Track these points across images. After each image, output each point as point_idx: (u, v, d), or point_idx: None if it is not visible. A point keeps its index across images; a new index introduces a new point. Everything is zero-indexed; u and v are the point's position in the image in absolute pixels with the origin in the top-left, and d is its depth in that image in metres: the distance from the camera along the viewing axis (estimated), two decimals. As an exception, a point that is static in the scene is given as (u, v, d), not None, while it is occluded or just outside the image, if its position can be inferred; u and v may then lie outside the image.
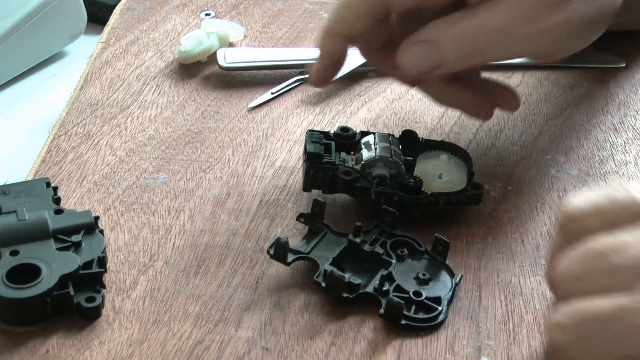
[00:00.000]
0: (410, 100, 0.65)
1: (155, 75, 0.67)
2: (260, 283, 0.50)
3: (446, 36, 0.51)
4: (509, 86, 0.59)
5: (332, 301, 0.48)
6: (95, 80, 0.66)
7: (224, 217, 0.54)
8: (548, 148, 0.61)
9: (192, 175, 0.57)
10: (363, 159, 0.54)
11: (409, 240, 0.51)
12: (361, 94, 0.66)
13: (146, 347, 0.46)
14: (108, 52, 0.69)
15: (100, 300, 0.47)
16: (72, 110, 0.63)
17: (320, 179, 0.54)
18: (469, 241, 0.53)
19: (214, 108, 0.64)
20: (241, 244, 0.52)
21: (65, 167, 0.57)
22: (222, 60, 0.67)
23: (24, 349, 0.45)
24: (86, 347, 0.45)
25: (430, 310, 0.48)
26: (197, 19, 0.74)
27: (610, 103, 0.66)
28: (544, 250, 0.53)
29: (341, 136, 0.56)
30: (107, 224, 0.53)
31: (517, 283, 0.51)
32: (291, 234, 0.53)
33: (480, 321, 0.48)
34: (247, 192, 0.56)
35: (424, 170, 0.55)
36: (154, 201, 0.55)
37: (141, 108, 0.63)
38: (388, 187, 0.53)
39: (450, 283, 0.49)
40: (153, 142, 0.60)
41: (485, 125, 0.63)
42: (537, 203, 0.56)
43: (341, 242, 0.51)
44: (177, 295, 0.49)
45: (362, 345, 0.46)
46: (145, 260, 0.51)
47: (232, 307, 0.48)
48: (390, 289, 0.48)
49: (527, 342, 0.47)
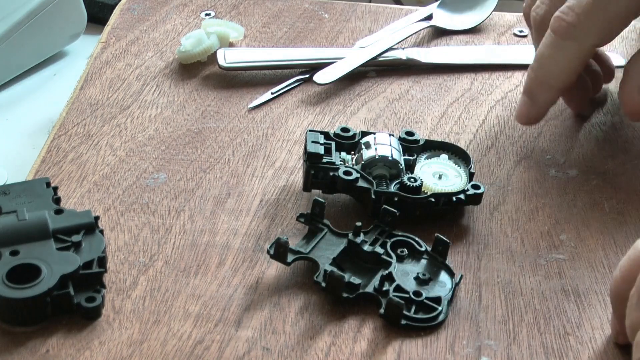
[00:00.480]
0: (410, 100, 0.65)
1: (155, 75, 0.67)
2: (260, 283, 0.50)
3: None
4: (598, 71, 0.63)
5: (332, 301, 0.48)
6: (95, 80, 0.66)
7: (224, 217, 0.54)
8: (548, 148, 0.61)
9: (192, 175, 0.57)
10: (363, 159, 0.54)
11: (409, 240, 0.51)
12: (361, 94, 0.66)
13: (146, 347, 0.46)
14: (108, 52, 0.69)
15: (100, 300, 0.47)
16: (72, 110, 0.63)
17: (320, 179, 0.54)
18: (469, 241, 0.53)
19: (214, 108, 0.64)
20: (241, 244, 0.52)
21: (65, 167, 0.57)
22: (222, 60, 0.67)
23: (24, 349, 0.45)
24: (86, 347, 0.45)
25: (430, 310, 0.48)
26: (197, 19, 0.74)
27: (610, 103, 0.66)
28: (544, 250, 0.53)
29: (341, 136, 0.56)
30: (107, 224, 0.53)
31: (517, 283, 0.51)
32: (291, 234, 0.53)
33: (480, 321, 0.48)
34: (247, 192, 0.56)
35: (424, 170, 0.55)
36: (154, 201, 0.55)
37: (141, 108, 0.63)
38: (388, 187, 0.53)
39: (450, 283, 0.49)
40: (153, 142, 0.60)
41: (485, 125, 0.63)
42: (537, 203, 0.56)
43: (341, 242, 0.51)
44: (177, 295, 0.49)
45: (362, 345, 0.46)
46: (145, 260, 0.51)
47: (232, 307, 0.48)
48: (390, 289, 0.48)
49: (527, 342, 0.47)
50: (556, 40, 0.56)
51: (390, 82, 0.67)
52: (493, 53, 0.71)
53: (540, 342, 0.47)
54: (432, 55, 0.70)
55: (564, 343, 0.47)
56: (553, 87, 0.58)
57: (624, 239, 0.54)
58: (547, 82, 0.58)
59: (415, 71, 0.69)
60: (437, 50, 0.71)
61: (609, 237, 0.54)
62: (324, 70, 0.66)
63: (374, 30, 0.73)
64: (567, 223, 0.55)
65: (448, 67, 0.69)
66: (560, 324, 0.48)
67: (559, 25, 0.56)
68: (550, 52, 0.57)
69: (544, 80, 0.58)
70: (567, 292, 0.50)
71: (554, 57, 0.57)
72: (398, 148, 0.55)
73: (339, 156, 0.55)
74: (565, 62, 0.57)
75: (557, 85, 0.58)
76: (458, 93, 0.67)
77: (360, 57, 0.68)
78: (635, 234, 0.54)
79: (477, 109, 0.65)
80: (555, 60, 0.57)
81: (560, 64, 0.57)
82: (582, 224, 0.55)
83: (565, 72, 0.57)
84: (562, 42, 0.56)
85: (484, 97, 0.66)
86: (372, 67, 0.68)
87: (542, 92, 0.58)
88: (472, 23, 0.75)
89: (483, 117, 0.64)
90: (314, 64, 0.67)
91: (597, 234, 0.54)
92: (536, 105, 0.59)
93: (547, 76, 0.58)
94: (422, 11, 0.75)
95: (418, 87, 0.67)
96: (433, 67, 0.69)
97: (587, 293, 0.50)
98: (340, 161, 0.55)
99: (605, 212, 0.56)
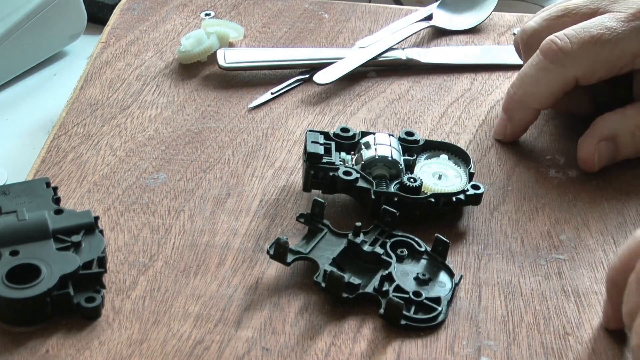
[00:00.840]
0: (410, 100, 0.65)
1: (155, 75, 0.67)
2: (260, 283, 0.50)
3: (625, 132, 0.57)
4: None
5: (332, 301, 0.48)
6: (95, 80, 0.66)
7: (224, 217, 0.54)
8: (548, 148, 0.61)
9: (192, 175, 0.57)
10: (363, 159, 0.54)
11: (408, 241, 0.51)
12: (361, 94, 0.66)
13: (146, 347, 0.46)
14: (108, 52, 0.69)
15: (100, 300, 0.47)
16: (72, 110, 0.63)
17: (320, 179, 0.54)
18: (469, 241, 0.53)
19: (214, 108, 0.64)
20: (241, 244, 0.52)
21: (65, 167, 0.57)
22: (222, 60, 0.67)
23: (24, 349, 0.45)
24: (86, 347, 0.45)
25: (430, 310, 0.48)
26: (197, 19, 0.74)
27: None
28: (544, 250, 0.53)
29: (341, 136, 0.56)
30: (107, 224, 0.53)
31: (517, 283, 0.51)
32: (291, 234, 0.53)
33: (480, 321, 0.48)
34: (247, 192, 0.56)
35: (424, 170, 0.55)
36: (154, 201, 0.55)
37: (141, 108, 0.63)
38: (388, 187, 0.53)
39: (450, 283, 0.49)
40: (153, 142, 0.60)
41: (485, 125, 0.63)
42: (537, 203, 0.56)
43: (341, 242, 0.51)
44: (177, 295, 0.49)
45: (362, 345, 0.46)
46: (145, 260, 0.51)
47: (232, 307, 0.48)
48: (390, 289, 0.48)
49: (527, 342, 0.47)
50: (542, 62, 0.57)
51: (390, 82, 0.67)
52: (493, 53, 0.71)
53: (540, 342, 0.47)
54: (432, 55, 0.70)
55: (563, 343, 0.47)
56: (530, 107, 0.59)
57: (624, 239, 0.54)
58: (525, 101, 0.59)
59: (415, 71, 0.69)
60: (437, 50, 0.71)
61: (609, 237, 0.54)
62: (324, 70, 0.66)
63: (374, 30, 0.73)
64: (567, 223, 0.55)
65: (448, 67, 0.69)
66: (560, 324, 0.48)
67: (549, 47, 0.57)
68: (533, 73, 0.58)
69: (522, 100, 0.59)
70: (567, 292, 0.50)
71: (536, 78, 0.58)
72: (398, 148, 0.55)
73: (338, 156, 0.55)
74: (546, 85, 0.58)
75: (534, 106, 0.59)
76: (458, 93, 0.67)
77: (360, 57, 0.68)
78: (635, 234, 0.54)
79: (477, 109, 0.65)
80: (537, 82, 0.58)
81: (541, 86, 0.58)
82: (582, 224, 0.55)
83: (545, 95, 0.58)
84: (548, 65, 0.57)
85: (484, 97, 0.66)
86: (372, 67, 0.68)
87: (519, 111, 0.60)
88: (472, 23, 0.75)
89: (483, 117, 0.64)
90: (314, 64, 0.67)
91: (597, 234, 0.54)
92: (513, 123, 0.60)
93: (526, 96, 0.59)
94: (422, 11, 0.75)
95: (418, 87, 0.67)
96: (433, 67, 0.69)
97: (587, 293, 0.50)
98: (340, 161, 0.55)
99: (605, 212, 0.56)
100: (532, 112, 0.60)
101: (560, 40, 0.57)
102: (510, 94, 0.60)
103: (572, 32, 0.57)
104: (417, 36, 0.73)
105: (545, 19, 0.60)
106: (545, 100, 0.59)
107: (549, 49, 0.57)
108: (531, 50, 0.59)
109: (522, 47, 0.61)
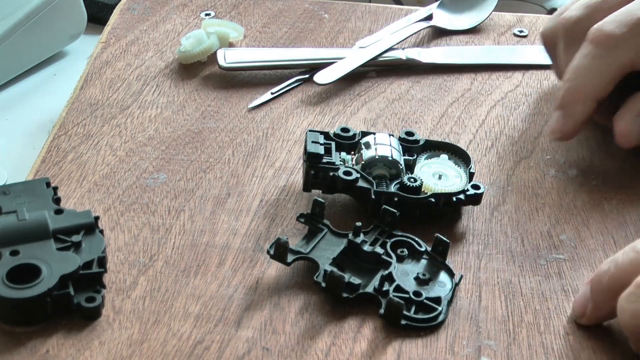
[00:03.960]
0: (410, 100, 0.66)
1: (155, 75, 0.67)
2: (260, 283, 0.50)
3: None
4: None
5: (332, 301, 0.48)
6: (95, 80, 0.66)
7: (224, 217, 0.54)
8: (548, 148, 0.61)
9: (192, 175, 0.57)
10: (363, 159, 0.54)
11: (409, 240, 0.51)
12: (361, 94, 0.66)
13: (146, 347, 0.46)
14: (108, 52, 0.69)
15: (100, 300, 0.47)
16: (72, 110, 0.63)
17: (320, 179, 0.54)
18: (469, 241, 0.53)
19: (214, 108, 0.64)
20: (241, 244, 0.52)
21: (65, 167, 0.57)
22: (222, 60, 0.67)
23: (24, 349, 0.45)
24: (86, 347, 0.45)
25: (430, 310, 0.48)
26: (197, 19, 0.74)
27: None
28: (544, 250, 0.53)
29: (341, 136, 0.56)
30: (107, 224, 0.53)
31: (517, 283, 0.51)
32: (291, 234, 0.53)
33: (480, 321, 0.48)
34: (247, 192, 0.56)
35: (424, 170, 0.55)
36: (154, 201, 0.55)
37: (141, 108, 0.63)
38: (388, 187, 0.53)
39: (450, 283, 0.49)
40: (153, 142, 0.60)
41: (485, 125, 0.63)
42: (537, 203, 0.56)
43: (341, 242, 0.51)
44: (177, 295, 0.49)
45: (362, 345, 0.46)
46: (145, 260, 0.51)
47: (232, 307, 0.48)
48: (390, 289, 0.48)
49: (527, 342, 0.47)
50: (594, 50, 0.56)
51: (390, 82, 0.67)
52: (493, 53, 0.71)
53: (540, 342, 0.47)
54: (432, 56, 0.70)
55: (564, 343, 0.47)
56: (590, 98, 0.57)
57: (624, 239, 0.54)
58: (584, 93, 0.57)
59: (415, 71, 0.69)
60: (437, 50, 0.71)
61: (609, 237, 0.54)
62: (324, 71, 0.66)
63: (374, 31, 0.73)
64: (567, 223, 0.55)
65: (448, 67, 0.69)
66: (560, 324, 0.48)
67: (598, 35, 0.56)
68: (587, 63, 0.57)
69: (580, 91, 0.57)
70: (567, 292, 0.50)
71: (591, 68, 0.56)
72: (398, 148, 0.55)
73: (339, 156, 0.55)
74: (604, 74, 0.56)
75: (594, 96, 0.57)
76: (458, 93, 0.67)
77: (360, 57, 0.68)
78: (635, 234, 0.54)
79: (477, 109, 0.65)
80: (592, 71, 0.56)
81: (598, 75, 0.57)
82: (582, 224, 0.55)
83: (603, 84, 0.57)
84: (602, 52, 0.56)
85: (484, 97, 0.66)
86: (372, 67, 0.68)
87: (579, 104, 0.57)
88: (472, 23, 0.75)
89: (483, 117, 0.64)
90: (314, 64, 0.67)
91: (597, 234, 0.54)
92: (572, 118, 0.58)
93: (584, 87, 0.57)
94: (422, 11, 0.75)
95: (418, 87, 0.67)
96: (433, 67, 0.69)
97: (587, 293, 0.50)
98: (340, 161, 0.55)
99: (605, 212, 0.56)
100: (592, 104, 0.57)
101: (608, 25, 0.56)
102: (567, 88, 0.57)
103: (617, 18, 0.56)
104: (417, 36, 0.73)
105: (586, 6, 0.59)
106: (604, 89, 0.57)
107: (599, 37, 0.56)
108: (574, 39, 0.58)
109: (564, 37, 0.59)
